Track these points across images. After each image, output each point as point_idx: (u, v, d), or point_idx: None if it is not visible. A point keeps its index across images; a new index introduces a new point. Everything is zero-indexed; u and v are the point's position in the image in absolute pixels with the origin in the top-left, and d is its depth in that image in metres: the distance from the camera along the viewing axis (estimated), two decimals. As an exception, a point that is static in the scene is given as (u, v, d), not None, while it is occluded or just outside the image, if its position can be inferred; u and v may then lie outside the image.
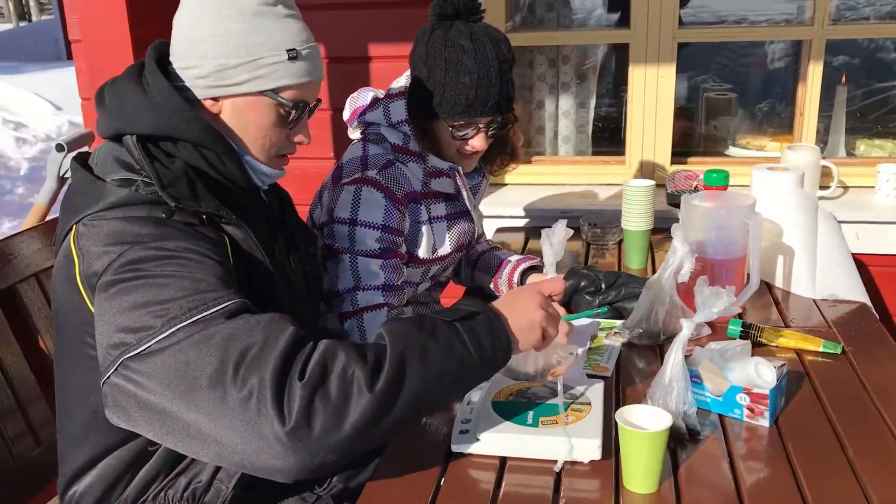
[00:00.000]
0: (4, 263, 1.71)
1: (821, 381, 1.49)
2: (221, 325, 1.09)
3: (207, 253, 1.19)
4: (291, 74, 1.31)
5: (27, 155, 7.62)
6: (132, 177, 1.24)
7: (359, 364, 1.08)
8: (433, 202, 1.77)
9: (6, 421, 1.62)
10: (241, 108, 1.32)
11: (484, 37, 1.64)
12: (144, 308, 1.11)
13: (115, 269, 1.15)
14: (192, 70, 1.30)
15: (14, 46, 16.23)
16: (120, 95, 1.30)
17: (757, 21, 6.09)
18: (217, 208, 1.27)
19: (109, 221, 1.20)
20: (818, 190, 2.44)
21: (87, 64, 2.60)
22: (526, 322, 1.23)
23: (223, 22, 1.28)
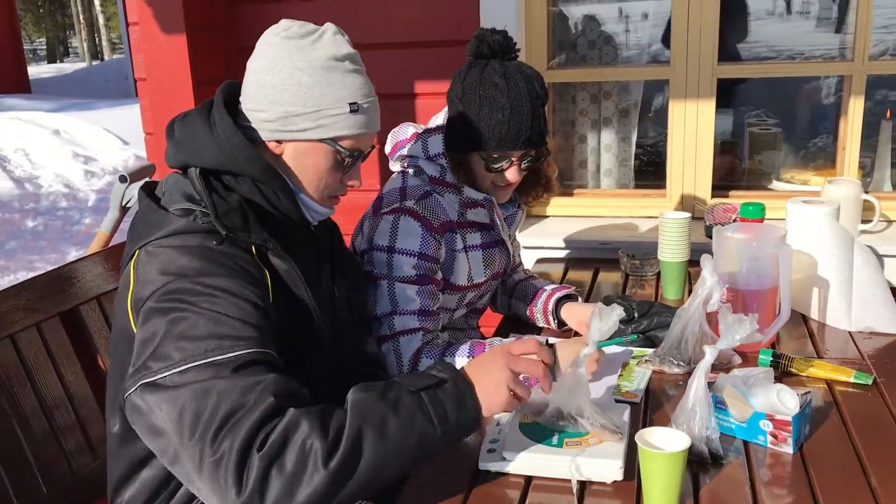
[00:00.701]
0: (69, 286, 1.83)
1: (850, 411, 1.50)
2: (224, 380, 1.17)
3: (244, 293, 1.26)
4: (351, 126, 1.41)
5: (95, 187, 7.95)
6: (193, 207, 1.34)
7: (318, 438, 1.13)
8: (469, 231, 1.85)
9: (67, 436, 1.72)
10: (301, 151, 1.42)
11: (517, 75, 1.72)
12: (170, 339, 1.20)
13: (156, 297, 1.25)
14: (261, 113, 1.40)
15: (87, 84, 16.98)
16: (189, 130, 1.41)
17: (812, 56, 6.06)
18: (265, 240, 1.36)
19: (165, 250, 1.30)
20: (860, 224, 2.43)
21: (150, 101, 2.76)
22: (492, 383, 1.26)
23: (294, 73, 1.37)
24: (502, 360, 1.28)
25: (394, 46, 2.76)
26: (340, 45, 1.41)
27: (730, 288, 1.74)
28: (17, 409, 1.62)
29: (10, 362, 1.64)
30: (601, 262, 2.47)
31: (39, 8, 31.85)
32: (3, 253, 6.04)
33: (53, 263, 5.34)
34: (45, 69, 23.13)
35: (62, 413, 1.72)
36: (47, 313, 1.75)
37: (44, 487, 1.63)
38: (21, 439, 1.61)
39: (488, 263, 1.88)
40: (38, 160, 8.63)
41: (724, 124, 4.20)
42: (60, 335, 1.77)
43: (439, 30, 2.71)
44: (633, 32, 5.36)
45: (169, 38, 2.65)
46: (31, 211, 7.16)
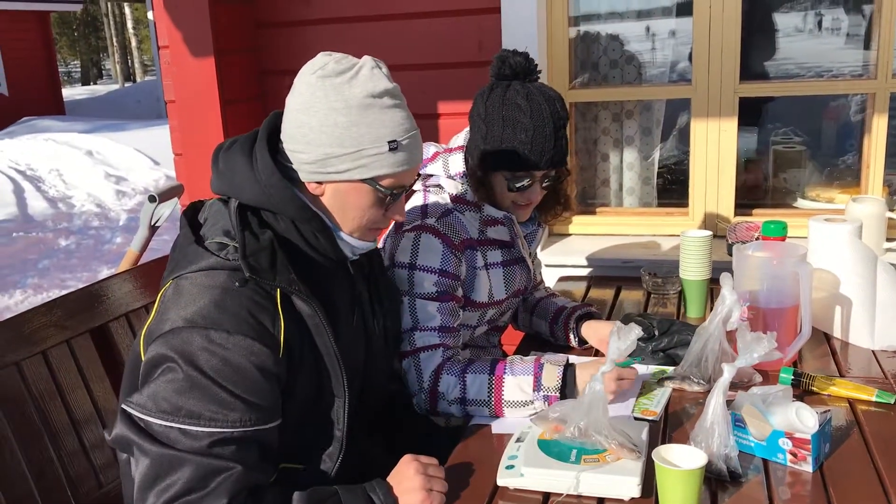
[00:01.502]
0: (98, 304, 1.87)
1: (871, 429, 1.49)
2: (191, 456, 1.22)
3: (246, 354, 1.27)
4: (391, 164, 1.38)
5: (126, 207, 8.10)
6: (227, 241, 1.35)
7: None
8: (489, 249, 1.87)
9: (96, 451, 1.75)
10: (341, 192, 1.41)
11: (539, 96, 1.75)
12: (158, 387, 1.26)
13: (164, 339, 1.28)
14: (300, 154, 1.38)
15: (119, 105, 17.31)
16: (231, 164, 1.40)
17: (841, 73, 6.02)
18: (289, 283, 1.33)
19: (191, 286, 1.32)
20: (885, 242, 2.42)
21: (179, 122, 2.83)
22: (405, 489, 1.32)
23: (331, 114, 1.35)
24: (412, 468, 1.34)
25: (416, 68, 2.80)
26: (378, 81, 1.37)
27: (751, 306, 1.74)
28: (48, 424, 1.65)
29: (42, 378, 1.67)
30: (623, 280, 2.48)
31: (74, 31, 32.56)
32: (37, 271, 6.17)
33: (85, 281, 5.44)
34: (80, 91, 23.63)
35: (91, 428, 1.75)
36: (77, 330, 1.78)
37: (73, 501, 1.66)
38: (52, 454, 1.64)
39: (509, 281, 1.90)
40: (72, 180, 8.82)
41: (750, 142, 4.18)
42: (90, 351, 1.81)
43: (461, 51, 2.74)
44: (659, 50, 5.36)
45: (197, 60, 2.71)
46: (64, 230, 7.30)
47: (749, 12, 2.62)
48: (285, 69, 2.83)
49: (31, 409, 1.63)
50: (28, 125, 12.64)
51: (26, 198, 8.12)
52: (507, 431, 1.54)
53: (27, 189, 8.37)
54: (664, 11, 3.89)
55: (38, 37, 16.20)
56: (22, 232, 7.14)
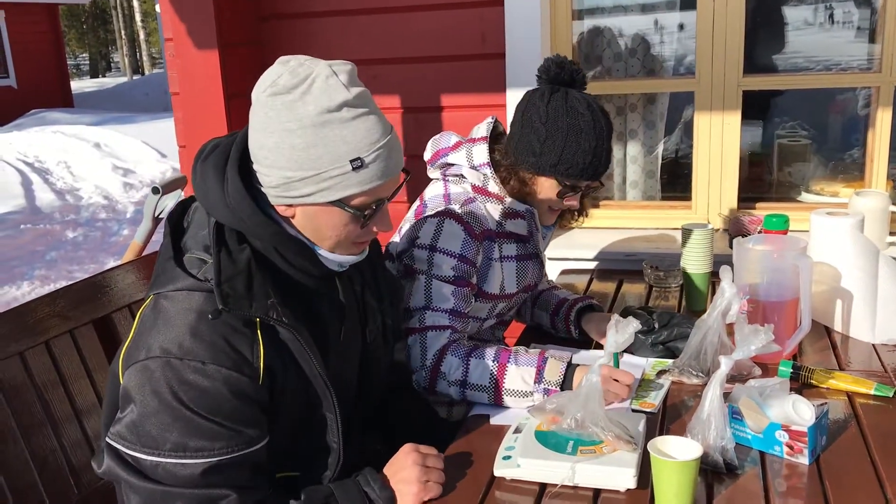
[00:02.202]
0: (102, 294, 1.88)
1: (869, 423, 1.49)
2: (181, 491, 1.22)
3: (224, 382, 1.23)
4: (357, 183, 1.28)
5: (133, 199, 8.13)
6: (206, 258, 1.30)
7: None
8: (506, 242, 1.88)
9: (100, 442, 1.76)
10: (311, 214, 1.32)
11: (598, 108, 1.79)
12: (141, 419, 1.23)
13: (140, 368, 1.25)
14: (265, 177, 1.30)
15: (128, 98, 17.37)
16: (204, 179, 1.32)
17: (849, 66, 5.99)
18: (266, 310, 1.26)
19: (169, 306, 1.28)
20: (888, 235, 2.41)
21: (183, 114, 2.84)
22: (400, 479, 1.32)
23: (285, 136, 1.25)
24: (410, 458, 1.34)
25: (420, 60, 2.80)
26: (333, 93, 1.25)
27: (751, 299, 1.74)
28: (50, 413, 1.67)
29: (45, 368, 1.69)
30: (626, 273, 2.48)
31: (83, 24, 32.65)
32: (44, 263, 6.20)
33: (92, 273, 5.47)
34: (88, 84, 23.70)
35: (94, 418, 1.77)
36: (80, 320, 1.80)
37: (75, 489, 1.68)
38: (55, 443, 1.66)
39: (521, 275, 1.91)
40: (79, 173, 8.86)
41: (757, 136, 4.17)
42: (93, 342, 1.82)
43: (465, 43, 2.74)
44: (668, 44, 5.34)
45: (202, 53, 2.72)
46: (72, 222, 7.34)
47: (758, 5, 2.62)
48: (289, 62, 2.84)
49: (34, 398, 1.64)
50: (37, 117, 12.70)
51: (34, 190, 8.17)
52: (506, 423, 1.55)
53: (35, 181, 8.41)
54: (668, 5, 3.89)
55: (46, 29, 16.26)
56: (30, 224, 7.18)
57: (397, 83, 2.85)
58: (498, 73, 2.69)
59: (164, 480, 1.22)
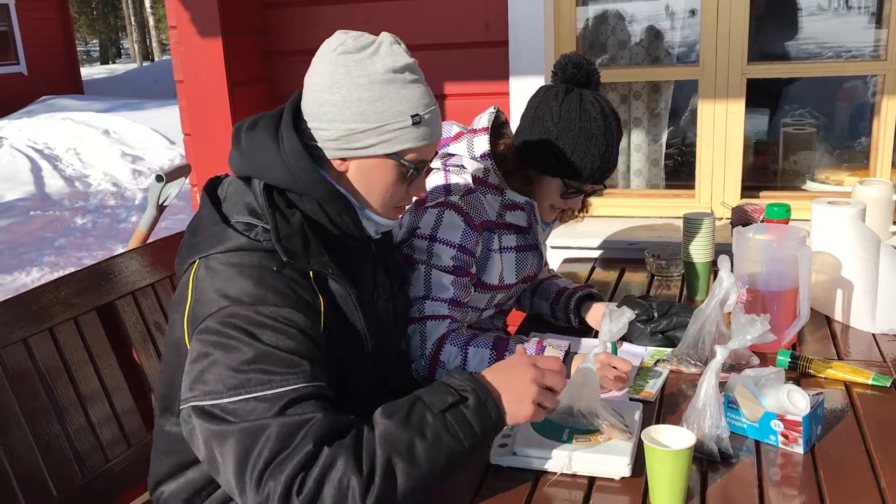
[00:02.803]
0: (106, 282, 1.90)
1: (866, 412, 1.50)
2: (271, 419, 1.19)
3: (295, 322, 1.27)
4: (415, 138, 1.38)
5: (142, 186, 8.17)
6: (254, 222, 1.34)
7: (354, 474, 1.16)
8: (505, 233, 1.89)
9: (103, 428, 1.78)
10: (366, 168, 1.40)
11: (610, 112, 1.79)
12: (221, 368, 1.23)
13: (213, 319, 1.26)
14: (323, 132, 1.38)
15: (137, 84, 17.40)
16: (256, 144, 1.39)
17: (860, 53, 5.94)
18: (324, 266, 1.36)
19: (225, 267, 1.31)
20: (891, 225, 2.40)
21: (188, 102, 2.84)
22: (515, 396, 1.27)
23: (354, 89, 1.34)
24: (529, 375, 1.29)
25: (423, 48, 2.78)
26: (398, 57, 1.37)
27: (750, 289, 1.74)
28: (55, 400, 1.69)
29: (49, 354, 1.71)
30: (628, 262, 2.48)
31: (93, 10, 32.68)
32: (53, 249, 6.24)
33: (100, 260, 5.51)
34: (98, 70, 23.75)
35: (98, 405, 1.79)
36: (85, 307, 1.82)
37: (80, 474, 1.70)
38: (59, 429, 1.68)
39: (520, 266, 1.91)
40: (88, 159, 8.90)
41: (764, 124, 4.15)
42: (97, 329, 1.84)
43: (468, 31, 2.74)
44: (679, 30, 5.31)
45: (205, 41, 2.73)
46: (81, 209, 7.38)
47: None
48: (293, 50, 2.84)
49: (38, 384, 1.67)
50: (46, 104, 12.74)
51: (44, 176, 8.21)
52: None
53: (45, 168, 8.45)
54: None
55: (56, 16, 16.28)
56: (39, 210, 7.22)
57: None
58: (501, 61, 2.68)
59: (251, 416, 1.20)
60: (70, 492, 1.66)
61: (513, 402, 1.27)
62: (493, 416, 1.25)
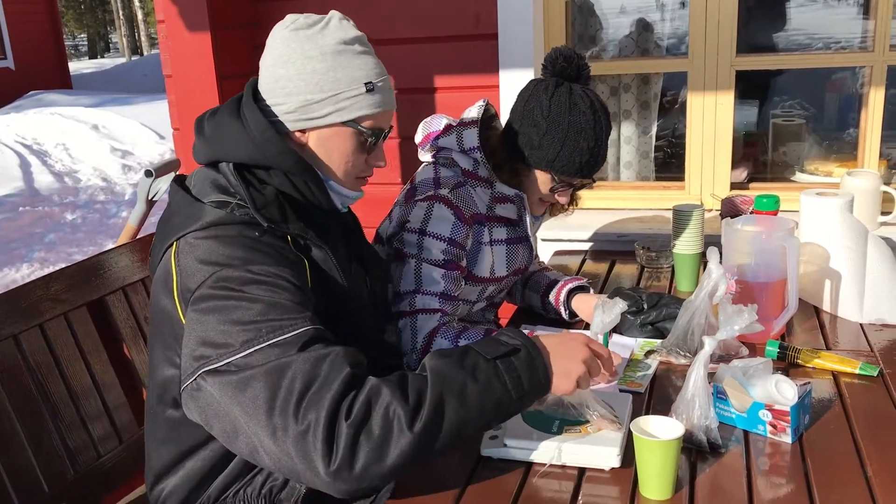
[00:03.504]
0: (96, 277, 1.90)
1: (853, 402, 1.51)
2: (293, 357, 1.19)
3: (288, 277, 1.30)
4: (369, 105, 1.44)
5: (132, 181, 8.13)
6: (227, 199, 1.37)
7: (400, 403, 1.16)
8: (495, 226, 1.89)
9: (94, 424, 1.78)
10: (325, 137, 1.46)
11: (599, 107, 1.79)
12: (227, 326, 1.23)
13: (206, 286, 1.27)
14: (281, 106, 1.43)
15: (126, 79, 17.29)
16: (220, 126, 1.45)
17: (850, 44, 5.96)
18: (303, 230, 1.41)
19: (206, 241, 1.33)
20: (879, 215, 2.42)
21: (176, 97, 2.84)
22: (564, 369, 1.29)
23: (307, 62, 1.41)
24: (581, 354, 1.31)
25: (413, 41, 2.80)
26: (348, 30, 1.44)
27: (739, 280, 1.75)
28: (46, 395, 1.69)
29: (40, 350, 1.71)
30: (618, 254, 2.49)
31: (81, 5, 32.44)
32: (43, 245, 6.22)
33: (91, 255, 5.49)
34: (86, 65, 23.59)
35: (89, 401, 1.79)
36: (75, 303, 1.81)
37: (71, 470, 1.70)
38: (50, 425, 1.68)
39: (511, 259, 1.92)
40: (78, 155, 8.85)
41: (754, 115, 4.16)
42: (88, 325, 1.84)
43: (458, 24, 2.73)
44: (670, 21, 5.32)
45: (194, 35, 2.72)
46: (70, 204, 7.35)
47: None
48: (282, 43, 2.83)
49: (28, 381, 1.66)
50: (35, 99, 12.65)
51: (33, 172, 8.16)
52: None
53: (33, 163, 8.40)
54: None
55: (44, 10, 16.15)
56: (28, 206, 7.18)
57: (391, 64, 2.80)
58: (491, 54, 2.68)
59: (265, 360, 1.20)
60: (62, 487, 1.66)
61: (560, 372, 1.29)
62: (542, 375, 1.27)
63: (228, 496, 1.45)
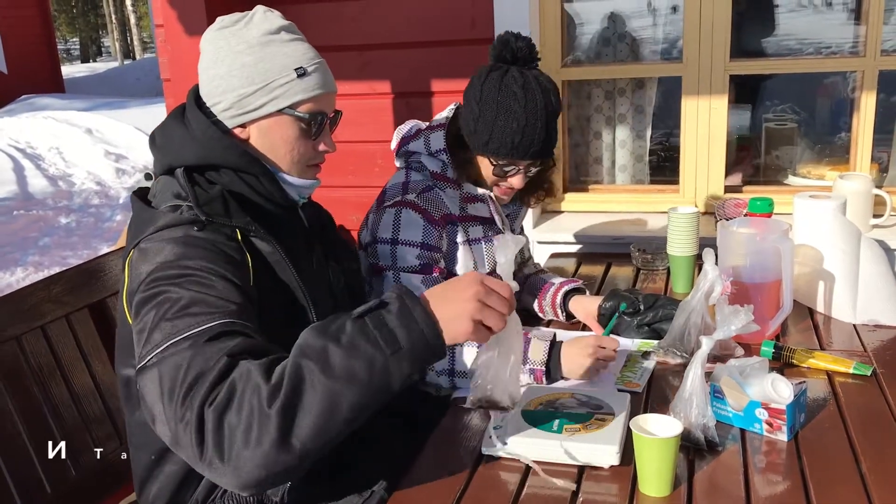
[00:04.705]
0: (96, 280, 1.91)
1: (847, 401, 1.53)
2: (195, 349, 1.16)
3: (221, 272, 1.29)
4: (303, 90, 1.45)
5: (126, 185, 8.12)
6: (179, 202, 1.39)
7: (262, 382, 1.10)
8: (471, 225, 1.90)
9: (94, 427, 1.79)
10: (265, 129, 1.47)
11: (536, 86, 1.77)
12: (157, 323, 1.22)
13: (143, 287, 1.28)
14: (218, 105, 1.45)
15: (119, 83, 17.25)
16: (167, 134, 1.48)
17: (840, 49, 5.99)
18: (246, 224, 1.40)
19: (154, 243, 1.33)
20: (871, 218, 2.45)
21: (175, 101, 2.84)
22: (452, 311, 1.17)
23: (236, 57, 1.43)
24: (471, 290, 1.18)
25: (410, 46, 2.82)
26: (273, 20, 1.46)
27: (734, 281, 1.77)
28: (48, 397, 1.70)
29: (42, 352, 1.72)
30: (614, 256, 2.51)
31: (73, 8, 32.37)
32: (38, 249, 6.20)
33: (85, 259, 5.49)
34: (79, 69, 23.53)
35: (90, 402, 1.80)
36: (76, 305, 1.83)
37: (73, 471, 1.71)
38: (52, 425, 1.69)
39: (490, 257, 1.93)
40: (72, 158, 8.83)
41: (747, 119, 4.19)
42: (88, 327, 1.85)
43: (454, 28, 2.76)
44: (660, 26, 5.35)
45: (192, 39, 2.73)
46: (64, 208, 7.33)
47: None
48: (280, 48, 2.84)
49: (31, 382, 1.67)
50: (27, 103, 12.62)
51: (26, 176, 8.14)
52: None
53: (27, 167, 8.38)
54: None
55: (36, 14, 16.11)
56: (22, 210, 7.16)
57: (388, 69, 2.87)
58: (487, 58, 2.69)
59: (175, 353, 1.17)
60: (64, 488, 1.67)
61: (450, 317, 1.16)
62: (423, 326, 1.14)
63: (216, 497, 1.46)
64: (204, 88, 1.48)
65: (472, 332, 1.17)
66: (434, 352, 1.16)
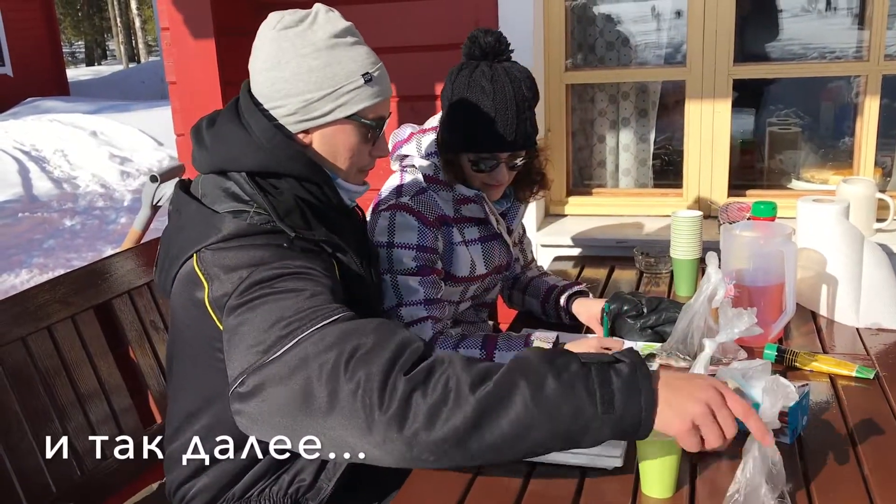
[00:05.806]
0: (102, 281, 1.92)
1: (850, 404, 1.53)
2: (337, 326, 1.14)
3: (321, 271, 1.29)
4: (370, 96, 1.43)
5: (130, 187, 8.14)
6: (242, 208, 1.34)
7: (465, 371, 1.08)
8: (466, 226, 1.91)
9: (102, 427, 1.80)
10: (329, 135, 1.43)
11: (504, 77, 1.75)
12: (270, 326, 1.16)
13: (242, 290, 1.22)
14: (280, 109, 1.40)
15: (124, 86, 17.31)
16: (222, 136, 1.40)
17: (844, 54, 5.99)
18: (327, 235, 1.39)
19: (230, 251, 1.29)
20: (875, 222, 2.45)
21: (180, 103, 2.86)
22: (677, 401, 1.10)
23: (302, 61, 1.38)
24: (706, 394, 1.11)
25: (414, 49, 2.83)
26: (336, 22, 1.42)
27: (737, 284, 1.78)
28: (54, 399, 1.71)
29: (48, 353, 1.73)
30: (617, 260, 2.52)
31: (78, 11, 32.47)
32: (42, 251, 6.23)
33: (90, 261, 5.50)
34: (84, 72, 23.61)
35: (97, 403, 1.81)
36: (82, 306, 1.84)
37: (78, 472, 1.72)
38: (59, 428, 1.70)
39: (488, 257, 1.94)
40: (76, 161, 8.86)
41: (750, 124, 4.19)
42: (94, 327, 1.86)
43: (458, 31, 2.74)
44: (664, 31, 5.35)
45: (198, 42, 2.75)
46: (69, 210, 7.36)
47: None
48: (285, 51, 2.86)
49: (37, 383, 1.68)
50: (32, 106, 12.66)
51: (31, 178, 8.17)
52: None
53: (32, 169, 8.41)
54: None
55: (41, 17, 16.18)
56: (27, 212, 7.19)
57: (393, 72, 2.82)
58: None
59: (316, 339, 1.13)
60: (69, 489, 1.68)
61: (671, 407, 1.09)
62: (643, 401, 1.08)
63: (253, 494, 1.45)
64: (262, 90, 1.41)
65: (685, 432, 1.10)
66: (638, 431, 1.10)
